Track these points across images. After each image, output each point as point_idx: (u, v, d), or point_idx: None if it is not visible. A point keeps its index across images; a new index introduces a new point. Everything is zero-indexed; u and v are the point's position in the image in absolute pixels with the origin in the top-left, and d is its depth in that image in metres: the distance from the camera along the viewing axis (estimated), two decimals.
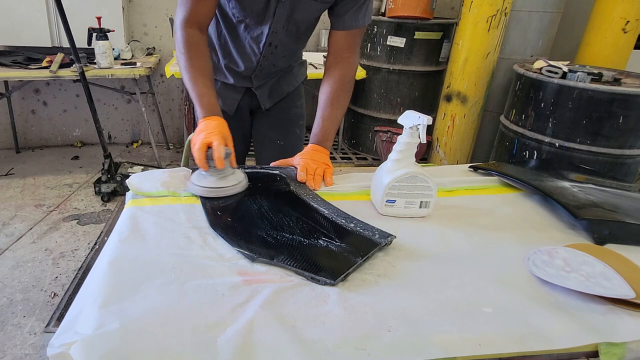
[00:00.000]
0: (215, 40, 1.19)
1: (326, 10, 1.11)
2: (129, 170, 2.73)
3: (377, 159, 3.27)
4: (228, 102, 1.27)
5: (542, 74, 2.18)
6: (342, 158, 3.30)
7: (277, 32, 1.10)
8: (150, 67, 2.81)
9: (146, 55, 3.13)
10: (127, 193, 0.92)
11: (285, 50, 1.17)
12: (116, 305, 0.58)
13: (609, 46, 2.59)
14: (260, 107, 1.30)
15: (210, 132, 0.90)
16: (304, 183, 0.97)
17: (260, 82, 1.25)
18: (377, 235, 0.77)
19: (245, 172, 0.98)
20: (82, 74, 2.37)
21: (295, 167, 1.02)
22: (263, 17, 1.07)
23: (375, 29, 3.02)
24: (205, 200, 0.87)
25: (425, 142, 0.81)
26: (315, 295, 0.63)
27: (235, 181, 0.91)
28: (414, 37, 2.93)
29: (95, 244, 0.81)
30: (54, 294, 1.82)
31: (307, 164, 1.01)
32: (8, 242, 2.17)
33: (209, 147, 0.88)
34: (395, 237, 0.77)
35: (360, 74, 2.93)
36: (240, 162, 1.37)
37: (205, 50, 1.04)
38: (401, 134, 0.85)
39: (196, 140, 0.91)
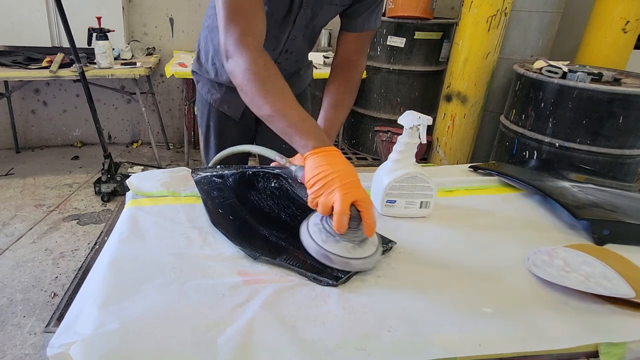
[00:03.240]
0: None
1: None
2: (129, 170, 2.73)
3: (377, 159, 3.27)
4: (233, 107, 1.26)
5: (542, 74, 2.18)
6: None
7: (296, 38, 1.08)
8: (150, 67, 2.81)
9: (146, 55, 3.13)
10: (127, 193, 0.92)
11: (298, 55, 1.16)
12: (116, 305, 0.58)
13: (609, 46, 2.60)
14: None
15: (349, 182, 0.67)
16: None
17: None
18: None
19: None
20: (82, 74, 2.37)
21: None
22: (280, 24, 1.04)
23: None
24: (207, 198, 0.87)
25: (425, 142, 0.81)
26: (315, 295, 0.63)
27: (371, 250, 0.68)
28: (414, 37, 2.93)
29: (95, 244, 0.81)
30: (54, 294, 1.82)
31: None
32: (8, 242, 2.17)
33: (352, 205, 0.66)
34: (395, 243, 0.77)
35: None
36: (244, 163, 1.36)
37: (276, 67, 0.83)
38: (401, 134, 0.85)
39: (328, 192, 0.67)
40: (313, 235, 0.69)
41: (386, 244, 0.76)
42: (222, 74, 1.22)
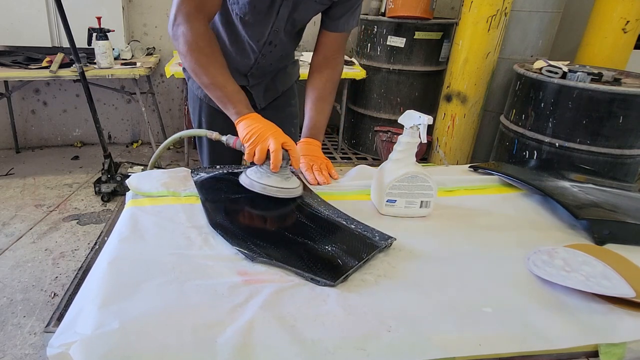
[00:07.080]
0: None
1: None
2: (129, 170, 2.73)
3: (377, 159, 3.27)
4: None
5: (542, 74, 2.18)
6: (342, 158, 3.30)
7: (278, 30, 1.11)
8: (150, 67, 2.81)
9: (146, 55, 3.13)
10: (127, 193, 0.92)
11: (283, 49, 1.19)
12: (116, 305, 0.58)
13: (609, 46, 2.59)
14: (255, 105, 1.31)
15: (276, 131, 0.89)
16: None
17: (256, 80, 1.26)
18: (377, 237, 0.77)
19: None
20: (82, 74, 2.37)
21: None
22: (265, 15, 1.07)
23: (375, 29, 3.01)
24: (205, 199, 0.87)
25: (425, 141, 0.81)
26: (315, 295, 0.63)
27: (296, 183, 0.89)
28: (414, 37, 2.92)
29: (95, 244, 0.81)
30: (54, 294, 1.82)
31: (310, 162, 1.03)
32: (8, 242, 2.17)
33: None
34: (395, 239, 0.77)
35: (360, 74, 2.93)
36: (238, 163, 1.37)
37: (218, 44, 0.99)
38: (401, 134, 0.85)
39: (262, 140, 0.87)
40: (251, 176, 0.87)
41: (385, 240, 0.76)
42: None
